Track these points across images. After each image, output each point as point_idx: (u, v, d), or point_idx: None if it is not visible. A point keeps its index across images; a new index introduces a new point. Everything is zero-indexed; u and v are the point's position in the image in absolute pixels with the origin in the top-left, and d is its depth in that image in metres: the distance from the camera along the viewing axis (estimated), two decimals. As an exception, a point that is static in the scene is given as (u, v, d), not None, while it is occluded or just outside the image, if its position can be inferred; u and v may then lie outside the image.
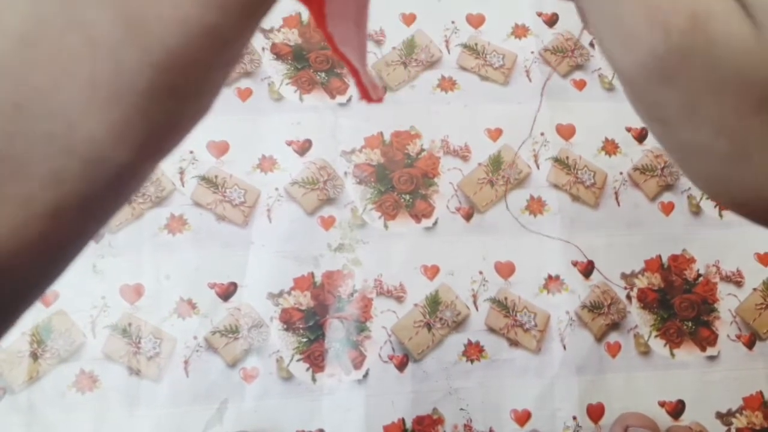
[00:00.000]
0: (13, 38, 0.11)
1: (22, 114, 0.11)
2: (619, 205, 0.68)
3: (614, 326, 0.64)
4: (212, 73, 0.13)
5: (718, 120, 0.14)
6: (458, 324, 0.63)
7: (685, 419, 0.62)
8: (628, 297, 0.65)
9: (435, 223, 0.66)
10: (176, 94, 0.13)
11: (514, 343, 0.63)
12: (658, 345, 0.64)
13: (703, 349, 0.64)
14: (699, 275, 0.66)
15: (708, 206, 0.68)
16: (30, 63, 0.11)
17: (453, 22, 0.73)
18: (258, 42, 0.71)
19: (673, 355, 0.64)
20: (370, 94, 0.19)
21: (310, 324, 0.62)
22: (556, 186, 0.68)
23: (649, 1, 0.13)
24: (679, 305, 0.65)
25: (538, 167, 0.69)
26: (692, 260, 0.66)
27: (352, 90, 0.70)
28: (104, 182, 0.13)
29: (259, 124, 0.68)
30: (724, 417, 0.62)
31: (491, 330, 0.63)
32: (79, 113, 0.11)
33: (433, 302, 0.64)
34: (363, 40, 0.18)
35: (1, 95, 0.11)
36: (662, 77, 0.14)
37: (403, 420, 0.60)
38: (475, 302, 0.64)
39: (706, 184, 0.16)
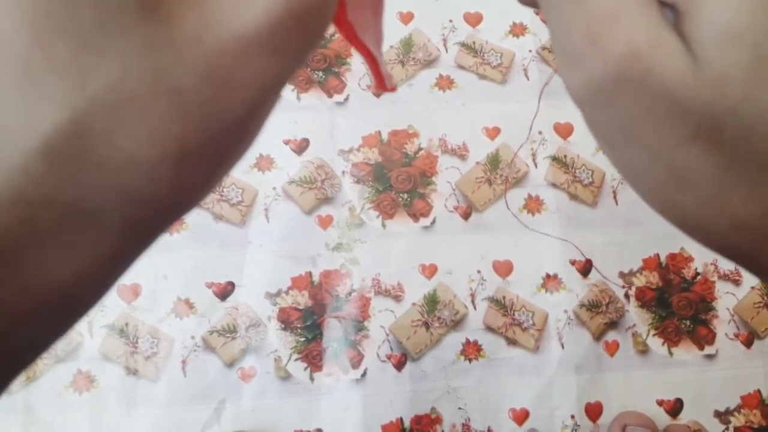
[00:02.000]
0: (99, 102, 0.11)
1: (102, 170, 0.11)
2: (617, 203, 0.68)
3: (612, 325, 0.64)
4: (271, 108, 0.14)
5: (655, 146, 0.14)
6: (456, 323, 0.63)
7: (684, 418, 0.62)
8: (626, 296, 0.65)
9: (433, 222, 0.66)
10: (246, 138, 0.14)
11: (512, 342, 0.63)
12: (656, 344, 0.64)
13: (701, 347, 0.64)
14: (697, 274, 0.66)
15: (706, 205, 0.68)
16: (116, 125, 0.11)
17: (451, 21, 0.73)
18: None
19: (671, 353, 0.64)
20: (385, 83, 0.19)
21: (308, 323, 0.62)
22: (554, 185, 0.68)
23: (593, 24, 0.14)
24: (677, 304, 0.65)
25: (536, 166, 0.69)
26: (690, 259, 0.66)
27: (350, 89, 0.70)
28: (164, 224, 0.14)
29: (256, 123, 0.68)
30: (722, 415, 0.62)
31: (489, 329, 0.63)
32: (163, 170, 0.12)
33: (431, 301, 0.64)
34: (379, 28, 0.18)
35: (81, 152, 0.11)
36: (601, 101, 0.14)
37: (401, 419, 0.60)
38: (473, 301, 0.64)
39: (651, 204, 0.17)
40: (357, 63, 0.71)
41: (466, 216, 0.66)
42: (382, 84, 0.19)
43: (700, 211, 0.15)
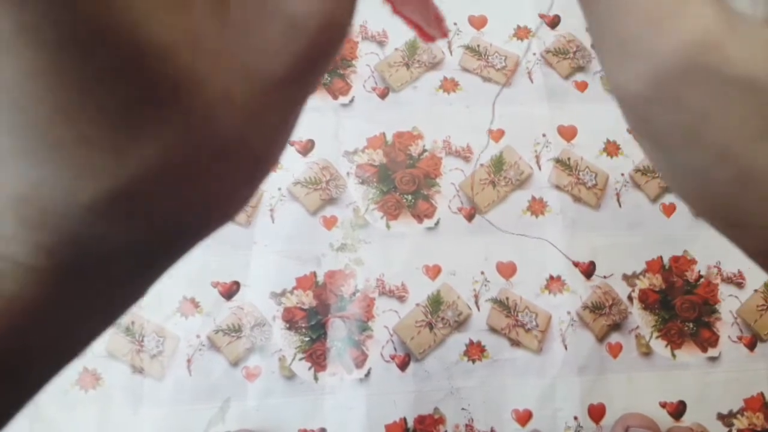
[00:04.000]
0: (141, 176, 0.11)
1: (150, 223, 0.12)
2: (620, 206, 0.68)
3: (615, 327, 0.64)
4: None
5: (723, 145, 0.13)
6: (460, 324, 0.63)
7: (686, 420, 0.62)
8: (630, 298, 0.65)
9: (437, 224, 0.66)
10: (275, 166, 0.14)
11: (515, 343, 0.63)
12: (659, 346, 0.64)
13: (704, 350, 0.64)
14: (700, 276, 0.66)
15: (709, 207, 0.68)
16: (157, 192, 0.11)
17: (455, 24, 0.74)
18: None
19: (674, 355, 0.64)
20: (433, 34, 0.18)
21: (312, 323, 0.63)
22: (557, 187, 0.68)
23: (656, 8, 0.13)
24: (681, 306, 0.65)
25: (539, 168, 0.69)
26: (693, 261, 0.66)
27: (355, 91, 0.71)
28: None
29: (262, 125, 0.68)
30: (725, 418, 0.62)
31: (493, 330, 0.63)
32: (204, 220, 0.13)
33: (435, 302, 0.64)
34: None
35: (128, 211, 0.11)
36: (664, 96, 0.13)
37: (404, 419, 0.60)
38: (476, 302, 0.64)
39: (699, 204, 0.15)
40: (362, 65, 0.72)
41: (469, 217, 0.67)
42: (429, 38, 0.18)
43: (761, 212, 0.14)
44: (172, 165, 0.11)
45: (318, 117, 0.69)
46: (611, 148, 0.70)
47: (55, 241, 0.11)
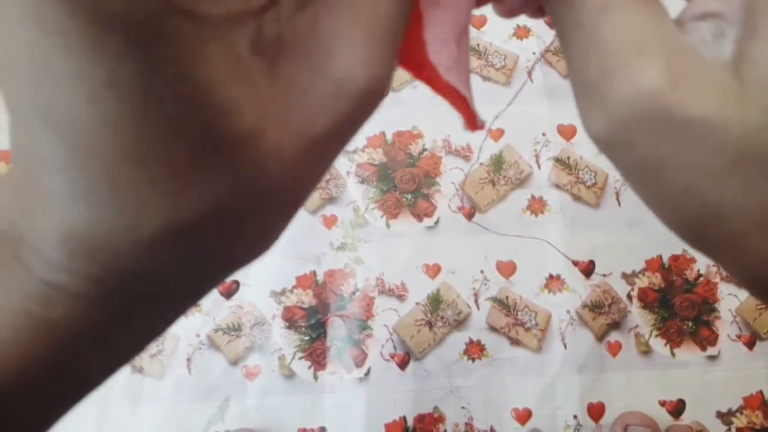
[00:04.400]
0: (197, 218, 0.12)
1: (202, 263, 0.13)
2: (619, 204, 0.68)
3: (615, 325, 0.64)
4: None
5: (685, 182, 0.13)
6: (459, 323, 0.63)
7: (686, 418, 0.62)
8: (629, 296, 0.65)
9: (437, 223, 0.66)
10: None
11: (515, 342, 0.63)
12: (658, 344, 0.64)
13: (704, 348, 0.64)
14: (699, 275, 0.66)
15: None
16: (210, 232, 0.12)
17: (455, 23, 0.74)
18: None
19: (673, 354, 0.64)
20: (476, 121, 0.17)
21: (312, 322, 0.63)
22: (557, 186, 0.68)
23: (610, 59, 0.13)
24: (680, 305, 0.65)
25: (539, 167, 0.69)
26: (693, 260, 0.67)
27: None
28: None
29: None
30: (725, 416, 0.62)
31: (492, 329, 0.64)
32: (249, 255, 0.14)
33: (435, 301, 0.64)
34: (465, 61, 0.16)
35: (182, 248, 0.12)
36: (624, 140, 0.13)
37: (404, 418, 0.61)
38: (476, 301, 0.64)
39: (679, 235, 0.15)
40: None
41: (469, 216, 0.67)
42: (473, 122, 0.17)
43: (734, 243, 0.14)
44: (223, 210, 0.12)
45: (318, 116, 0.69)
46: (611, 147, 0.70)
47: (106, 274, 0.11)
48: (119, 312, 0.12)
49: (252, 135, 0.11)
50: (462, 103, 0.16)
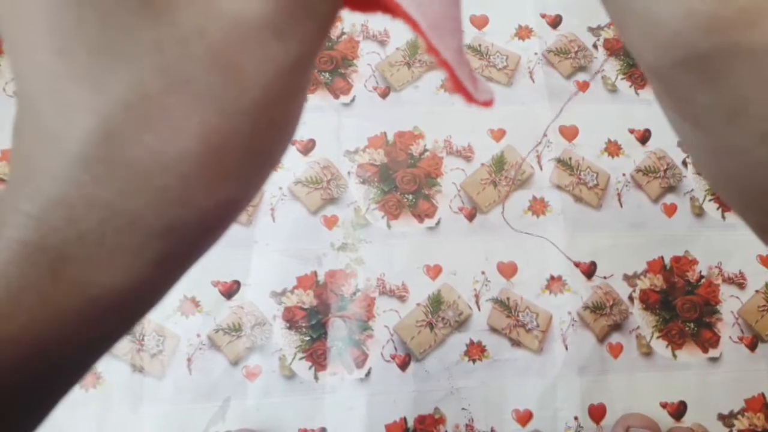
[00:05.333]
0: (119, 105, 0.11)
1: (135, 172, 0.12)
2: (621, 206, 0.68)
3: (616, 327, 0.64)
4: (298, 98, 0.14)
5: (764, 125, 0.12)
6: (460, 324, 0.63)
7: (687, 420, 0.62)
8: (630, 298, 0.65)
9: (438, 223, 0.66)
10: (275, 124, 0.13)
11: (516, 343, 0.63)
12: (660, 346, 0.64)
13: (705, 350, 0.64)
14: (701, 277, 0.66)
15: (710, 208, 0.68)
16: (139, 125, 0.11)
17: (457, 23, 0.73)
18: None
19: (675, 356, 0.64)
20: (472, 93, 0.15)
21: (312, 322, 0.63)
22: (559, 187, 0.68)
23: None
24: (682, 306, 0.65)
25: (541, 168, 0.69)
26: (695, 262, 0.66)
27: (356, 90, 0.70)
28: (213, 225, 0.14)
29: (263, 124, 0.68)
30: (726, 418, 0.62)
31: (493, 330, 0.63)
32: (191, 165, 0.12)
33: (436, 302, 0.64)
34: (458, 20, 0.15)
35: (115, 156, 0.11)
36: (703, 77, 0.12)
37: (404, 419, 0.60)
38: (477, 302, 0.64)
39: (732, 188, 0.15)
40: (363, 65, 0.72)
41: (470, 217, 0.67)
42: (468, 95, 0.15)
43: None
44: (148, 96, 0.11)
45: (319, 116, 0.69)
46: (612, 148, 0.70)
47: (41, 212, 0.12)
48: (58, 263, 0.12)
49: (162, 11, 0.11)
50: (450, 69, 0.15)
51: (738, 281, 0.66)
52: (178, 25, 0.11)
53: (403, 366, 0.62)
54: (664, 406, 0.62)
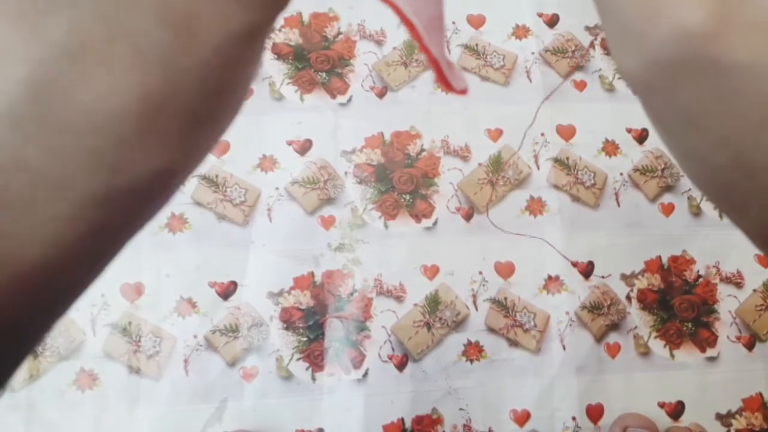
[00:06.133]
0: (55, 51, 0.10)
1: (68, 132, 0.11)
2: (619, 205, 0.68)
3: (614, 327, 0.64)
4: (248, 69, 0.13)
5: (721, 132, 0.13)
6: (458, 324, 0.63)
7: (685, 420, 0.62)
8: (628, 298, 0.65)
9: (435, 223, 0.66)
10: (222, 92, 0.13)
11: (513, 343, 0.63)
12: (657, 346, 0.64)
13: (703, 350, 0.64)
14: (699, 276, 0.66)
15: (708, 207, 0.68)
16: (74, 78, 0.11)
17: (453, 23, 0.73)
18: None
19: (672, 356, 0.64)
20: (450, 82, 0.16)
21: (309, 323, 0.62)
22: (556, 186, 0.68)
23: (649, 2, 0.12)
24: (679, 306, 0.65)
25: (538, 168, 0.69)
26: (692, 261, 0.66)
27: (353, 90, 0.70)
28: (150, 196, 0.13)
29: (259, 124, 0.68)
30: (724, 418, 0.62)
31: (491, 330, 0.63)
32: (128, 127, 0.11)
33: (433, 302, 0.64)
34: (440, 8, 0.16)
35: (46, 112, 0.10)
36: (662, 84, 0.13)
37: (402, 420, 0.60)
38: (474, 302, 0.64)
39: (704, 189, 0.15)
40: (360, 64, 0.71)
41: (468, 217, 0.67)
42: (447, 83, 0.16)
43: (763, 200, 0.13)
44: (84, 43, 0.10)
45: (316, 116, 0.69)
46: (610, 148, 0.70)
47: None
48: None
49: None
50: (434, 61, 0.15)
51: (735, 280, 0.66)
52: None
53: (401, 366, 0.62)
54: (661, 405, 0.62)
